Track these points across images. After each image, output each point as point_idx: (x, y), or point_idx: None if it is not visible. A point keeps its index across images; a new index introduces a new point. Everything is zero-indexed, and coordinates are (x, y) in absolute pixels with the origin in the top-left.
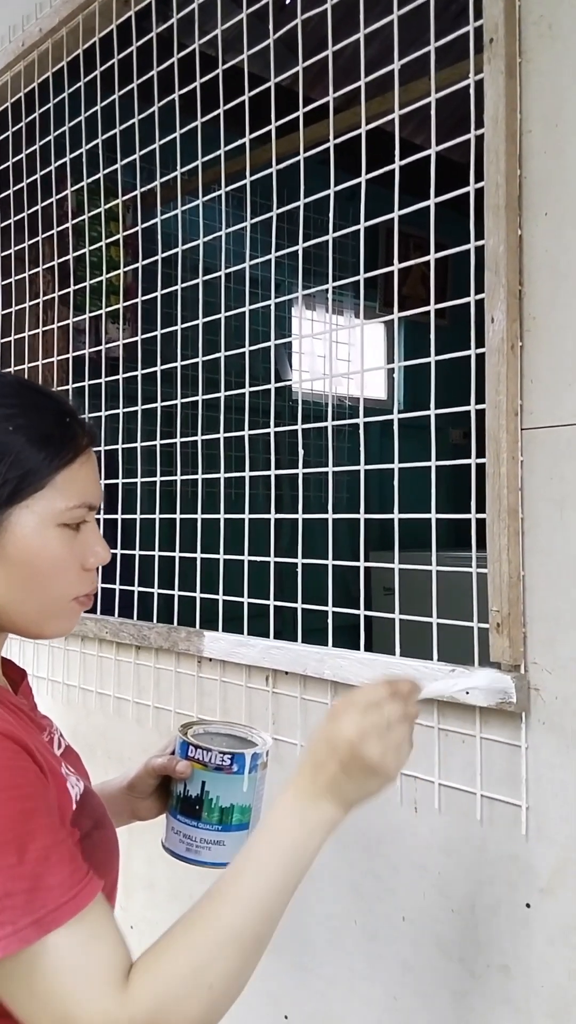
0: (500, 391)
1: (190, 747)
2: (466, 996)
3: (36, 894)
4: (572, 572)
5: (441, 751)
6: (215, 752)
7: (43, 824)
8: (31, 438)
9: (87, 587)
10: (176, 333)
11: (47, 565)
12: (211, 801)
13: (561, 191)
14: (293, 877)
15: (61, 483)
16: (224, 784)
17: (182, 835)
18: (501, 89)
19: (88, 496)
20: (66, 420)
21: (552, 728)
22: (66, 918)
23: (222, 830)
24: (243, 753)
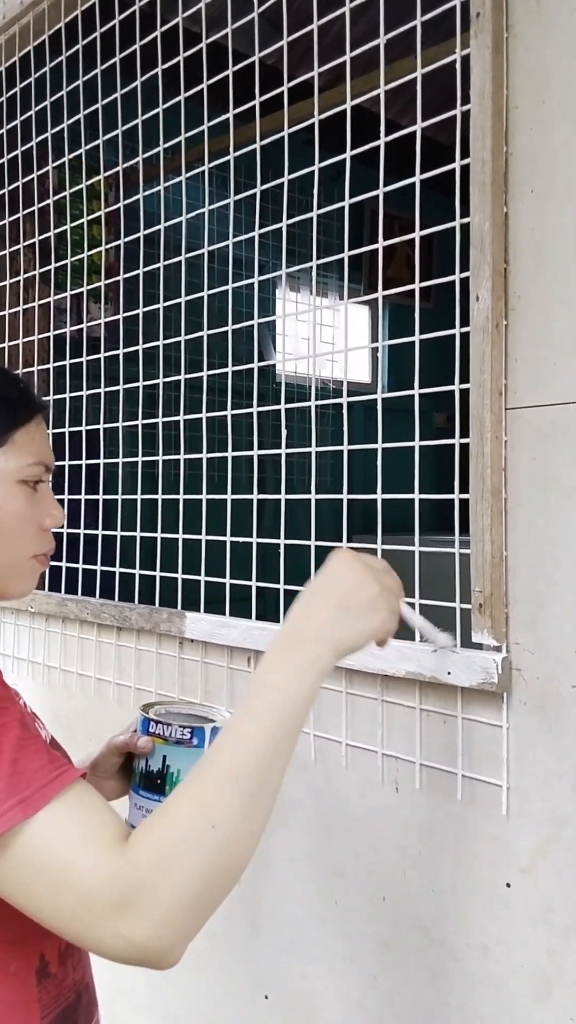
0: (484, 370)
1: (151, 723)
2: (446, 976)
3: (17, 778)
4: (555, 553)
5: (423, 731)
6: (175, 726)
7: (15, 719)
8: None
9: (45, 546)
10: (158, 313)
11: (10, 520)
12: (173, 775)
13: (547, 168)
14: (289, 720)
15: (20, 441)
16: (185, 757)
17: (145, 810)
18: (488, 64)
19: (45, 456)
20: (19, 384)
21: (533, 708)
22: (52, 795)
23: None
24: (203, 727)
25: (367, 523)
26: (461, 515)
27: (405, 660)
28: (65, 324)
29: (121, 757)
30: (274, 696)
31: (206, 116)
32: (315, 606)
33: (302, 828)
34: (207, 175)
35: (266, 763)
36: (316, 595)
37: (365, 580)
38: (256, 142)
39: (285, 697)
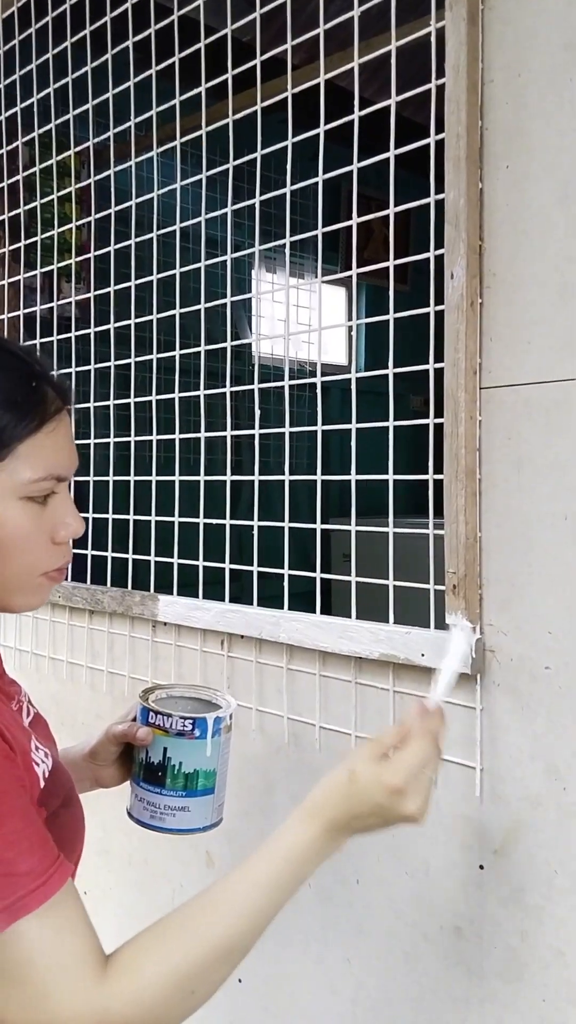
0: (459, 349)
1: (150, 713)
2: (419, 958)
3: (5, 880)
4: (529, 533)
5: (396, 713)
6: (176, 717)
7: (12, 807)
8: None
9: (57, 561)
10: (130, 291)
11: (9, 541)
12: (174, 767)
13: (523, 143)
14: (289, 895)
15: (24, 453)
16: (187, 750)
17: (146, 802)
18: (463, 37)
19: (56, 467)
20: (32, 383)
21: (507, 690)
22: (36, 905)
23: (187, 796)
24: (204, 718)
25: (343, 505)
26: (436, 496)
27: (379, 642)
28: (36, 303)
29: (120, 746)
30: (285, 873)
31: (177, 91)
32: (364, 808)
33: (275, 811)
34: (178, 152)
35: (257, 933)
36: (363, 803)
37: (405, 799)
38: (229, 116)
39: (292, 877)
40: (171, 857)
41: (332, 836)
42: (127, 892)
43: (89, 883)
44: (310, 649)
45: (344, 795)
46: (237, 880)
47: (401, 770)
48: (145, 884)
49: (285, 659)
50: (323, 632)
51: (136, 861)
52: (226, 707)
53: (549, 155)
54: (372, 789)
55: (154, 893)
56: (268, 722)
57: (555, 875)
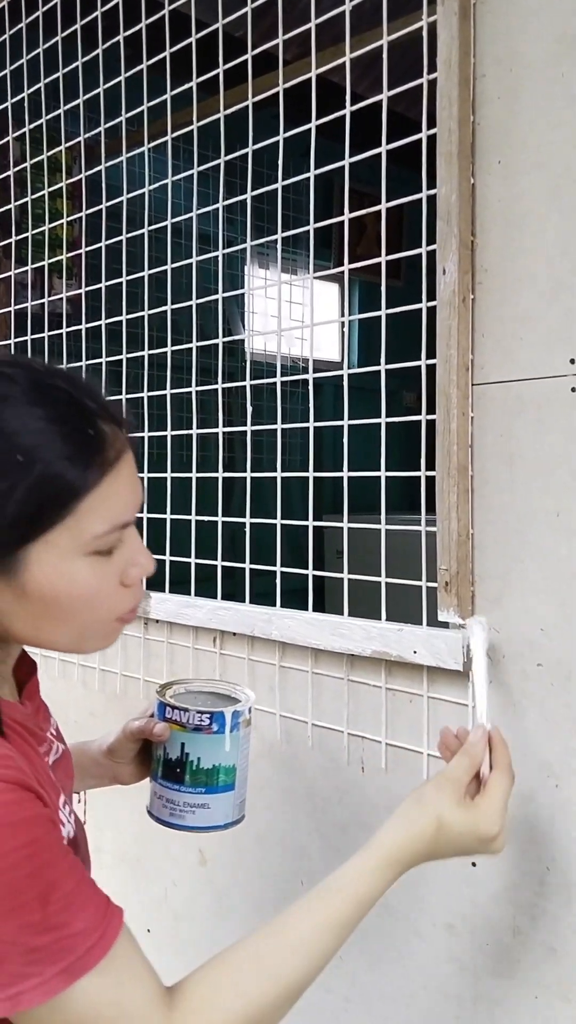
0: (451, 345)
1: (167, 708)
2: (412, 955)
3: (62, 943)
4: (521, 530)
5: (388, 711)
6: (192, 712)
7: (62, 870)
8: (50, 457)
9: (129, 603)
10: (122, 287)
11: (75, 601)
12: (193, 763)
13: (515, 138)
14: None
15: (87, 508)
16: (205, 745)
17: (165, 799)
18: (455, 31)
19: (122, 515)
20: (88, 430)
21: (498, 686)
22: (95, 962)
23: (206, 792)
24: (222, 712)
25: (337, 502)
26: (428, 493)
27: (371, 639)
28: (27, 299)
29: (138, 743)
30: (364, 904)
31: (168, 86)
32: (455, 846)
33: (268, 808)
34: (170, 147)
35: (319, 973)
36: (443, 853)
37: (495, 840)
38: (220, 111)
39: (369, 907)
40: (163, 855)
41: (404, 871)
42: (120, 889)
43: None
44: (302, 646)
45: (431, 844)
46: (308, 919)
47: (497, 818)
48: (138, 882)
49: (277, 656)
50: (315, 629)
51: (129, 858)
52: (245, 701)
53: (541, 149)
54: (466, 839)
55: (147, 890)
56: (260, 719)
57: (547, 872)
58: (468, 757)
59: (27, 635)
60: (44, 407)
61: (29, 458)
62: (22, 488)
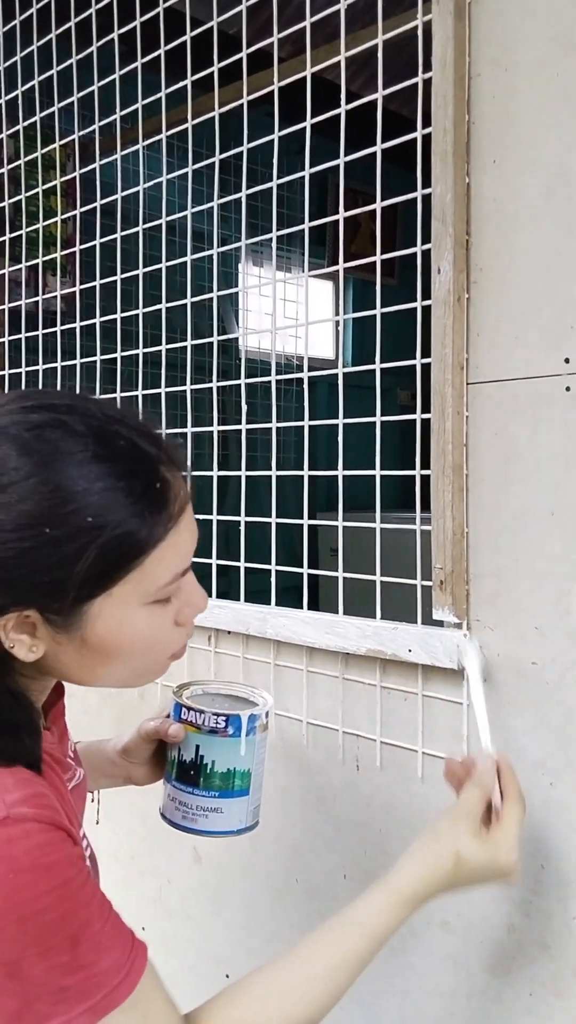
0: (446, 344)
1: (183, 709)
2: (406, 953)
3: (90, 981)
4: (516, 529)
5: (383, 709)
6: (208, 714)
7: (92, 911)
8: (120, 517)
9: (181, 641)
10: (116, 285)
11: (135, 648)
12: (207, 766)
13: (510, 138)
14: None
15: (152, 560)
16: (220, 748)
17: (178, 802)
18: (450, 31)
19: (184, 562)
20: (155, 483)
21: (493, 685)
22: (122, 999)
23: (220, 797)
24: (238, 715)
25: (332, 500)
26: (423, 492)
27: (365, 638)
28: (21, 297)
29: (153, 743)
30: (382, 937)
31: (163, 83)
32: (467, 877)
33: (262, 807)
34: (164, 145)
35: (334, 1004)
36: (461, 884)
37: (514, 871)
38: (215, 109)
39: (386, 938)
40: (158, 852)
41: (421, 904)
42: (115, 888)
43: None
44: (297, 644)
45: (450, 878)
46: (324, 954)
47: (514, 848)
48: (132, 880)
49: (272, 655)
50: (310, 628)
51: (123, 857)
52: (263, 704)
53: (536, 149)
54: (484, 871)
55: (142, 889)
56: None
57: (542, 869)
58: (479, 788)
59: (80, 678)
60: (110, 463)
61: (99, 519)
62: (93, 549)
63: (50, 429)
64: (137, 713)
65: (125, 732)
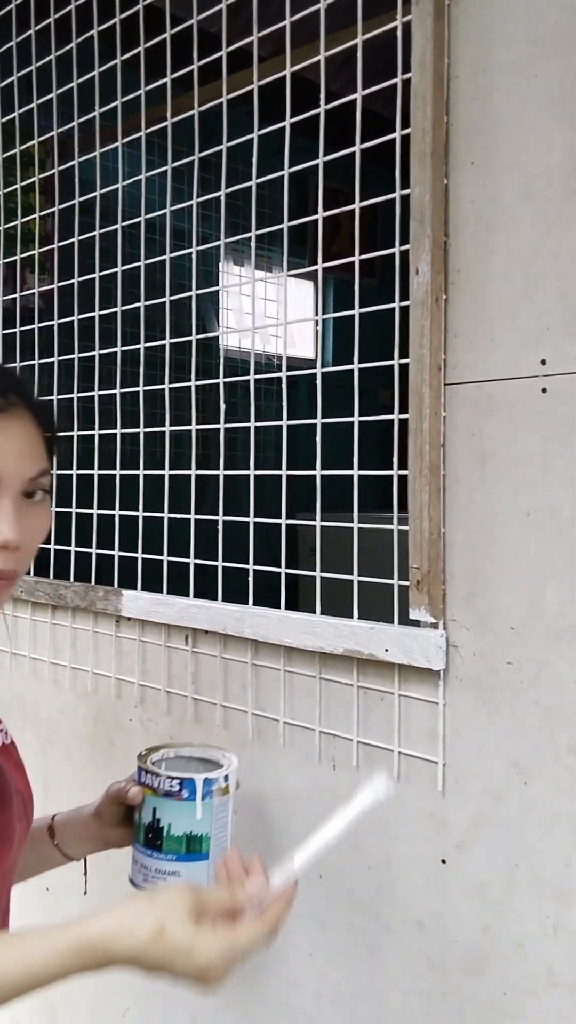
0: (423, 345)
1: (142, 772)
2: (381, 952)
3: None
4: (492, 529)
5: (360, 708)
6: (163, 777)
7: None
8: None
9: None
10: (95, 283)
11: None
12: (164, 829)
13: (488, 139)
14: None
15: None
16: (176, 811)
17: (140, 865)
18: (429, 32)
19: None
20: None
21: (469, 685)
22: None
23: (178, 860)
24: (192, 778)
25: (310, 500)
26: (401, 492)
27: (343, 638)
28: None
29: (122, 806)
30: (28, 979)
31: (143, 81)
32: (132, 964)
33: (239, 805)
34: (144, 143)
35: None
36: (148, 962)
37: (218, 973)
38: (195, 107)
39: (42, 981)
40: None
41: (99, 966)
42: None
43: (53, 880)
44: (275, 644)
45: (142, 946)
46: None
47: (226, 954)
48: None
49: (250, 654)
50: (288, 627)
51: None
52: (226, 766)
53: (514, 151)
54: (181, 959)
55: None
56: (233, 717)
57: (516, 868)
58: (230, 894)
59: None
60: None
61: None
62: None
63: None
64: (113, 711)
65: (96, 797)
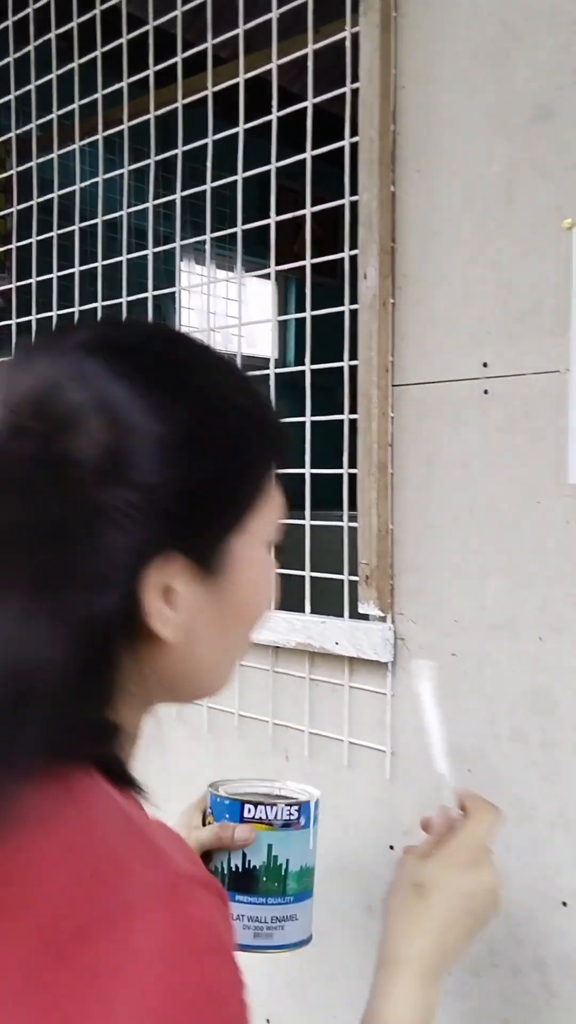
0: (371, 347)
1: (246, 806)
2: (331, 936)
3: None
4: (438, 525)
5: (311, 700)
6: (281, 806)
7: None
8: (256, 430)
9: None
10: (53, 282)
11: (259, 599)
12: (280, 867)
13: (433, 148)
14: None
15: (275, 494)
16: (294, 843)
17: (247, 919)
18: (376, 43)
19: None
20: (269, 405)
21: (414, 676)
22: None
23: (295, 901)
24: (308, 802)
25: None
26: (351, 490)
27: (295, 631)
28: None
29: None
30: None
31: (100, 83)
32: (458, 935)
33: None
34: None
35: None
36: (468, 919)
37: (498, 888)
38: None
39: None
40: None
41: (432, 975)
42: None
43: None
44: None
45: (428, 915)
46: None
47: (476, 848)
48: None
49: None
50: None
51: None
52: (312, 792)
53: (456, 160)
54: (456, 887)
55: None
56: (187, 711)
57: None
58: (433, 835)
59: (192, 675)
60: (247, 382)
61: (249, 436)
62: (242, 461)
63: (188, 340)
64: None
65: None
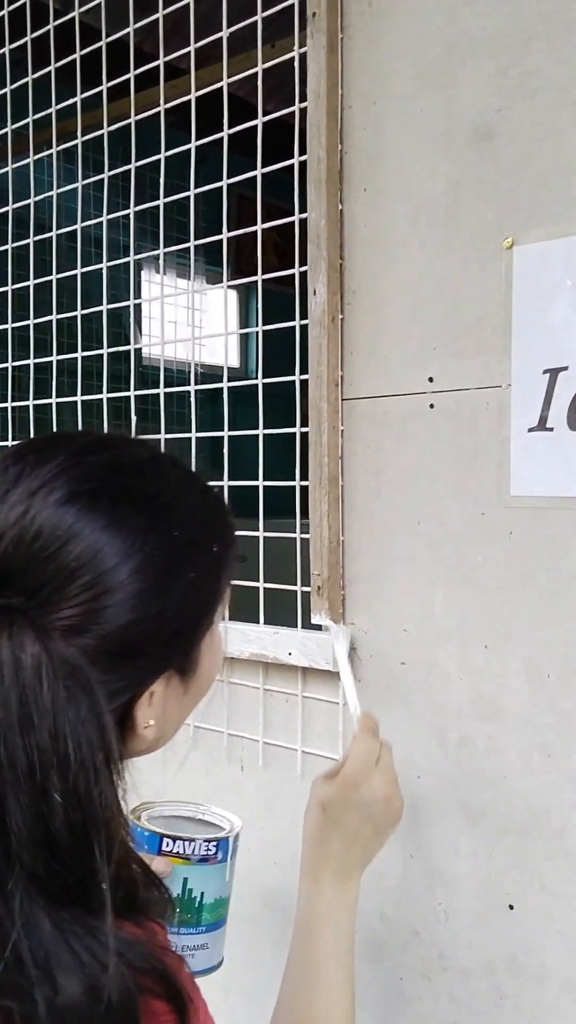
0: (321, 362)
1: (164, 840)
2: (285, 943)
3: None
4: (387, 536)
5: (265, 710)
6: (199, 842)
7: None
8: (218, 537)
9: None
10: (29, 291)
11: (216, 670)
12: (195, 900)
13: (379, 167)
14: (350, 953)
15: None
16: (210, 877)
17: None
18: (323, 64)
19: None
20: (222, 499)
21: (367, 685)
22: None
23: (206, 931)
24: (226, 838)
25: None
26: (303, 501)
27: (249, 642)
28: None
29: None
30: (345, 950)
31: (53, 96)
32: (355, 825)
33: None
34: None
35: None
36: (351, 819)
37: (395, 795)
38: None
39: (350, 948)
40: None
41: (345, 873)
42: None
43: None
44: None
45: (334, 829)
46: (305, 975)
47: (362, 763)
48: None
49: None
50: None
51: None
52: (234, 822)
53: (401, 179)
54: (353, 799)
55: None
56: None
57: (410, 859)
58: (340, 760)
59: (149, 744)
60: (202, 484)
61: (219, 538)
62: (225, 553)
63: (153, 462)
64: None
65: None
